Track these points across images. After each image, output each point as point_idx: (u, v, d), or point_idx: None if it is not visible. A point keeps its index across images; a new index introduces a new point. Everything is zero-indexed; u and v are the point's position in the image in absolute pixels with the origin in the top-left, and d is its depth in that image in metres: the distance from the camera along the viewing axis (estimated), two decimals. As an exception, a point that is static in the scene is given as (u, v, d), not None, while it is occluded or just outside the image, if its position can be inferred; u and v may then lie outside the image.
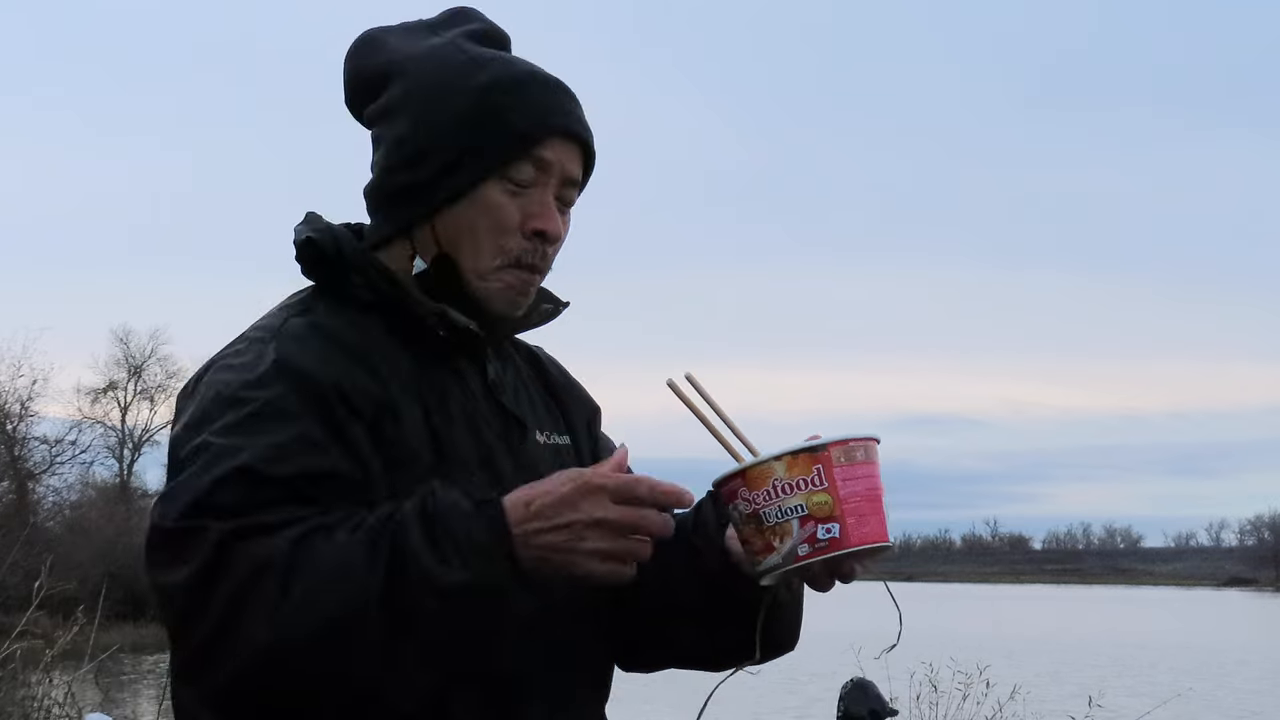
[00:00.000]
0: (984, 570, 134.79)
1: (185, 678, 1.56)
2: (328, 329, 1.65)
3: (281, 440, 1.54)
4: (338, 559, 1.47)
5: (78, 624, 9.04)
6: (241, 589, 1.46)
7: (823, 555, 1.57)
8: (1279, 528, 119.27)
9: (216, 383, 1.61)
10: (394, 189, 1.71)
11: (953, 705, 10.46)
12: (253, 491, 1.50)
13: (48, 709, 9.76)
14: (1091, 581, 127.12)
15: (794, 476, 1.58)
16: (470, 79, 1.69)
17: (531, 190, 1.69)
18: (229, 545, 1.47)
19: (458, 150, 1.67)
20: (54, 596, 9.28)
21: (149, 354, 50.94)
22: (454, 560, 1.46)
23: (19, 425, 41.63)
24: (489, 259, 1.68)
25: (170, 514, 1.52)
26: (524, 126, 1.68)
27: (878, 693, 4.04)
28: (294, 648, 1.45)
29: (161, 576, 1.52)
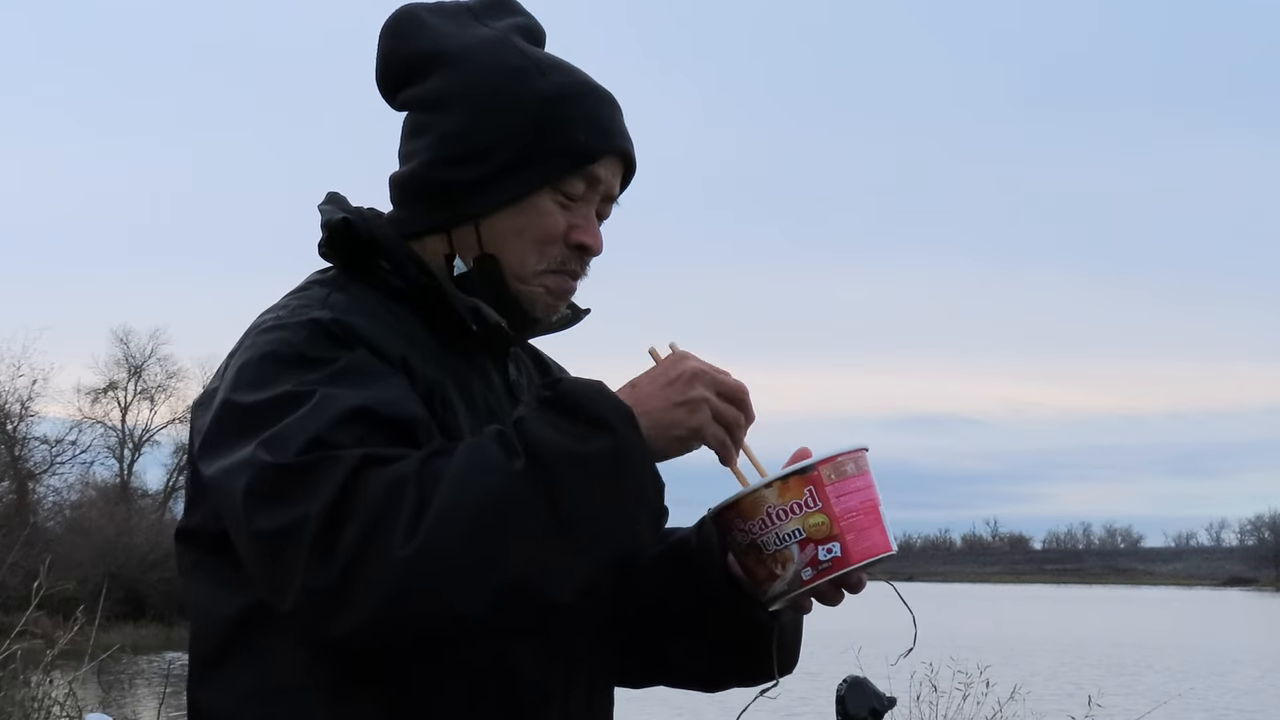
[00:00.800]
0: (984, 570, 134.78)
1: (321, 618, 1.44)
2: (372, 308, 1.64)
3: (389, 388, 1.53)
4: (471, 460, 1.45)
5: (78, 624, 9.02)
6: (383, 507, 1.42)
7: (827, 576, 1.56)
8: (1279, 528, 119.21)
9: (273, 342, 1.56)
10: (442, 184, 1.69)
11: (953, 705, 10.45)
12: (371, 431, 1.48)
13: (48, 709, 9.75)
14: (1092, 581, 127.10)
15: (787, 501, 1.56)
16: (534, 84, 1.68)
17: (579, 204, 1.70)
18: (361, 471, 1.43)
19: (518, 156, 1.66)
20: (54, 596, 9.29)
21: (149, 354, 50.90)
22: (590, 433, 1.47)
23: (19, 425, 41.67)
24: (533, 264, 1.68)
25: (289, 450, 1.45)
26: (587, 144, 1.68)
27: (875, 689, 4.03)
28: (445, 550, 1.41)
29: (280, 515, 1.44)
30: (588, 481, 1.46)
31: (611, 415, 1.48)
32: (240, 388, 1.54)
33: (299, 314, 1.60)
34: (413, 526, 1.41)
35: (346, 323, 1.58)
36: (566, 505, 1.44)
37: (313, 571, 1.42)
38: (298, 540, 1.43)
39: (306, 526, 1.42)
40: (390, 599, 1.41)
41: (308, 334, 1.56)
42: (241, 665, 1.57)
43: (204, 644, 1.61)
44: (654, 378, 1.55)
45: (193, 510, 1.62)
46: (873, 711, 3.97)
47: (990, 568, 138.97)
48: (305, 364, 1.53)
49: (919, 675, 10.34)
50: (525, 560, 1.43)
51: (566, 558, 1.46)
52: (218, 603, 1.59)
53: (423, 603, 1.42)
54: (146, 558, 34.49)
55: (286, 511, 1.44)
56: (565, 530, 1.45)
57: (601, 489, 1.47)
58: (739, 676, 1.79)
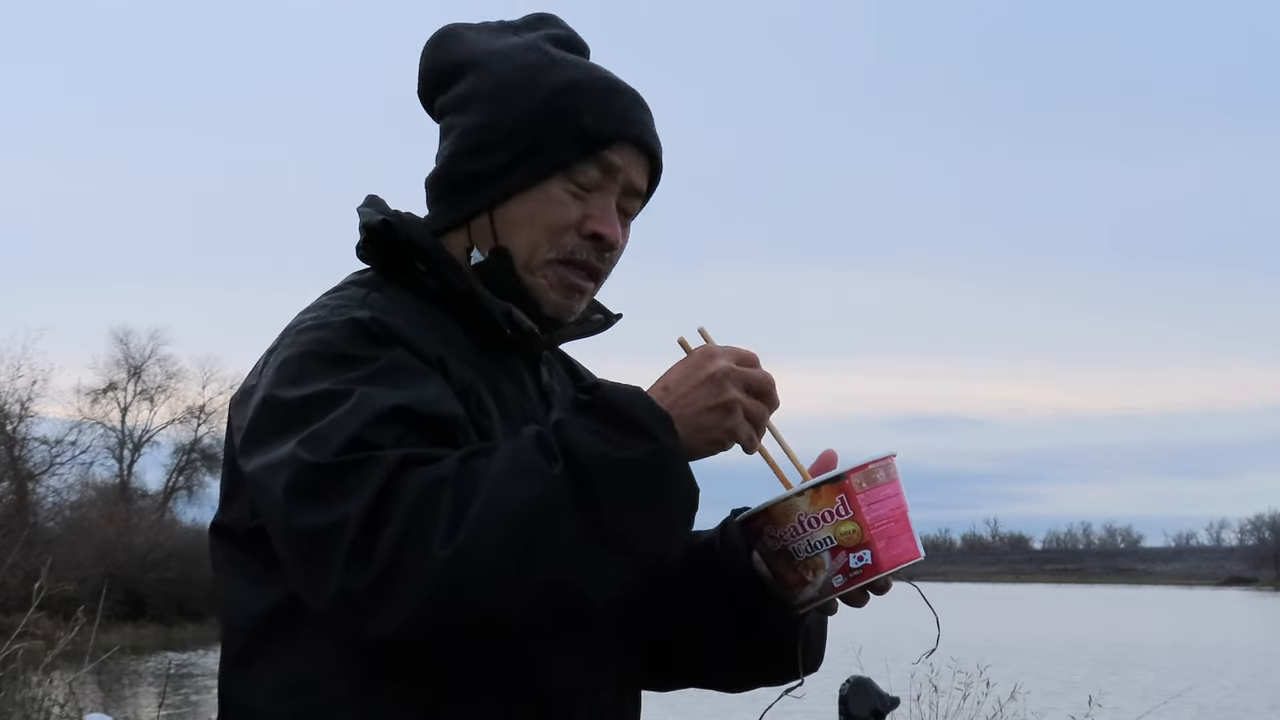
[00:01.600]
0: (984, 570, 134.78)
1: (358, 619, 1.44)
2: (409, 309, 1.64)
3: (427, 388, 1.53)
4: (511, 463, 1.45)
5: (78, 624, 9.04)
6: (421, 509, 1.41)
7: (858, 583, 1.58)
8: (1279, 527, 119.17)
9: (313, 341, 1.57)
10: (459, 177, 1.71)
11: (953, 705, 10.44)
12: (409, 430, 1.48)
13: (48, 709, 9.76)
14: (1092, 581, 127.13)
15: (819, 509, 1.57)
16: (546, 77, 1.70)
17: (595, 194, 1.69)
18: (401, 472, 1.43)
19: (526, 144, 1.67)
20: (54, 597, 9.28)
21: (149, 354, 50.92)
22: (628, 439, 1.46)
23: (19, 426, 41.64)
24: (542, 253, 1.68)
25: (329, 450, 1.45)
26: (594, 128, 1.68)
27: (877, 689, 4.03)
28: (484, 552, 1.41)
29: (320, 514, 1.44)
30: (626, 487, 1.46)
31: (650, 422, 1.48)
32: (280, 385, 1.54)
33: (338, 313, 1.60)
34: (452, 528, 1.41)
35: (385, 322, 1.58)
36: (605, 511, 1.44)
37: (351, 573, 1.42)
38: (337, 541, 1.43)
39: (346, 527, 1.43)
40: (428, 600, 1.41)
41: (348, 333, 1.57)
42: (273, 660, 1.58)
43: (236, 639, 1.62)
44: (684, 378, 1.54)
45: (228, 505, 1.63)
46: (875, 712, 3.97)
47: (990, 568, 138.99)
48: (345, 362, 1.54)
49: (919, 675, 10.33)
50: (563, 564, 1.43)
51: (604, 562, 1.46)
52: (250, 598, 1.59)
53: (460, 605, 1.42)
54: (146, 558, 34.49)
55: (326, 511, 1.44)
56: (603, 535, 1.45)
57: (640, 495, 1.47)
58: (765, 676, 1.80)
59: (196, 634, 31.68)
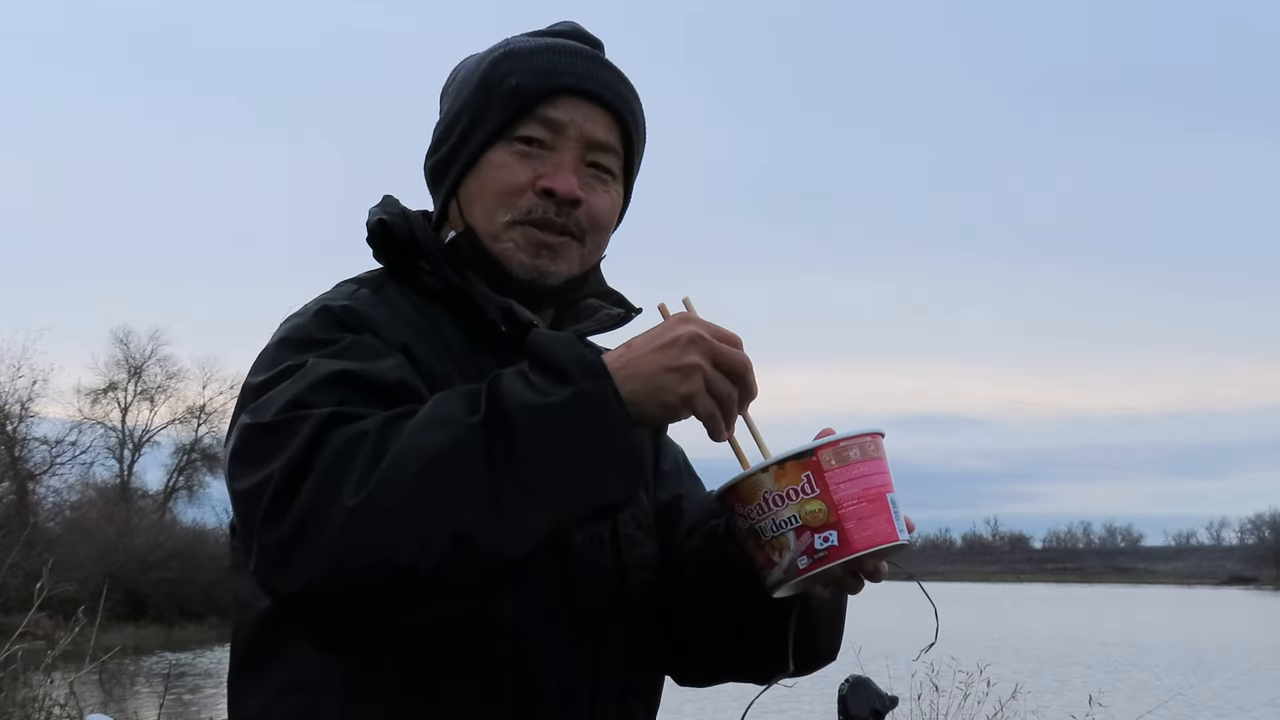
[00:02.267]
0: (984, 570, 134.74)
1: (273, 573, 1.41)
2: (397, 307, 1.66)
3: (380, 361, 1.54)
4: (429, 414, 1.43)
5: (78, 625, 9.03)
6: (338, 460, 1.39)
7: (824, 565, 1.49)
8: (1279, 526, 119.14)
9: (286, 329, 1.61)
10: (428, 172, 1.77)
11: (953, 705, 10.43)
12: (353, 394, 1.47)
13: (49, 710, 9.75)
14: (1092, 580, 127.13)
15: (784, 487, 1.50)
16: (488, 60, 1.72)
17: (548, 153, 1.68)
18: (328, 427, 1.43)
19: (468, 122, 1.70)
20: (55, 597, 9.26)
21: (149, 354, 50.94)
22: (551, 386, 1.42)
23: (19, 426, 41.63)
24: (499, 218, 1.67)
25: (267, 412, 1.47)
26: (521, 85, 1.67)
27: (877, 689, 4.01)
28: (393, 501, 1.37)
29: (253, 472, 1.44)
30: (542, 434, 1.40)
31: (573, 366, 1.43)
32: (255, 371, 1.58)
33: (315, 306, 1.64)
34: (363, 479, 1.38)
35: (355, 309, 1.61)
36: (520, 460, 1.39)
37: (267, 528, 1.40)
38: (260, 499, 1.42)
39: (270, 483, 1.42)
40: (332, 550, 1.37)
41: (317, 320, 1.60)
42: (273, 659, 1.58)
43: (241, 638, 1.64)
44: (650, 339, 1.48)
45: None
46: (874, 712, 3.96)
47: (990, 567, 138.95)
48: (311, 345, 1.56)
49: (920, 675, 10.33)
50: (471, 513, 1.38)
51: (517, 512, 1.39)
52: (252, 596, 1.58)
53: (364, 554, 1.37)
54: (147, 558, 34.48)
55: (256, 470, 1.44)
56: (517, 484, 1.39)
57: (559, 442, 1.41)
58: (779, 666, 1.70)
59: (196, 634, 31.69)
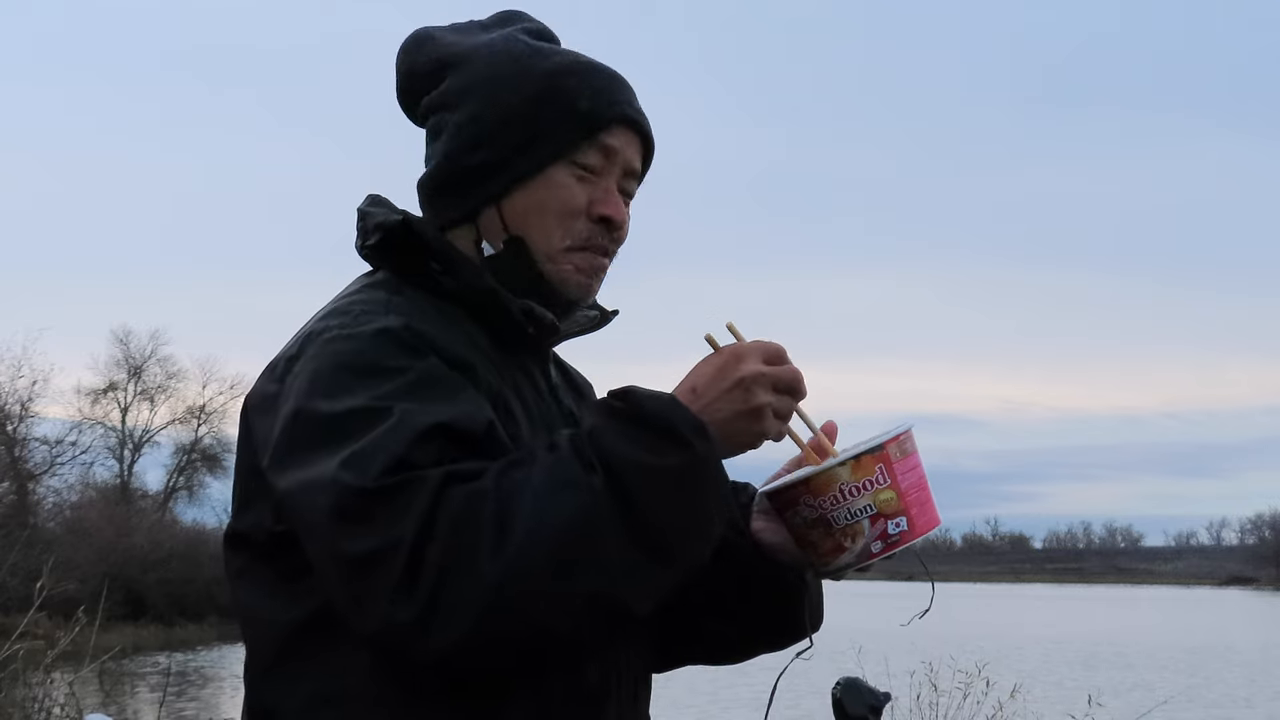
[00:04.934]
0: (984, 570, 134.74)
1: (411, 645, 1.44)
2: (430, 312, 1.63)
3: (462, 402, 1.53)
4: (551, 475, 1.45)
5: (78, 625, 9.04)
6: (464, 529, 1.42)
7: (895, 549, 1.63)
8: (1279, 527, 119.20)
9: (341, 352, 1.55)
10: (462, 171, 1.70)
11: (953, 705, 10.46)
12: (448, 446, 1.47)
13: (49, 710, 9.77)
14: (1092, 581, 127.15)
15: (859, 478, 1.62)
16: (538, 63, 1.71)
17: (597, 178, 1.70)
18: (443, 491, 1.43)
19: (528, 131, 1.68)
20: (54, 597, 9.28)
21: (149, 354, 51.01)
22: (665, 447, 1.47)
23: (19, 426, 41.68)
24: (558, 240, 1.68)
25: (371, 472, 1.45)
26: (591, 111, 1.69)
27: (870, 687, 4.02)
28: (532, 568, 1.41)
29: (366, 541, 1.43)
30: (665, 497, 1.46)
31: (686, 429, 1.49)
32: (314, 398, 1.52)
33: (365, 320, 1.58)
34: (496, 547, 1.41)
35: (417, 329, 1.57)
36: (644, 521, 1.45)
37: (399, 603, 1.42)
38: (383, 568, 1.43)
39: (392, 554, 1.42)
40: (477, 621, 1.42)
41: (380, 343, 1.55)
42: (305, 670, 1.56)
43: (262, 649, 1.61)
44: (714, 381, 1.54)
45: (245, 513, 1.61)
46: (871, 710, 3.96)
47: (990, 567, 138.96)
48: (378, 374, 1.52)
49: (919, 675, 10.35)
50: (607, 576, 1.44)
51: (647, 570, 1.47)
52: (274, 610, 1.58)
53: (510, 622, 1.43)
54: (146, 558, 34.50)
55: (372, 537, 1.43)
56: (643, 545, 1.45)
57: (679, 504, 1.47)
58: (768, 642, 1.84)
59: (196, 634, 31.69)
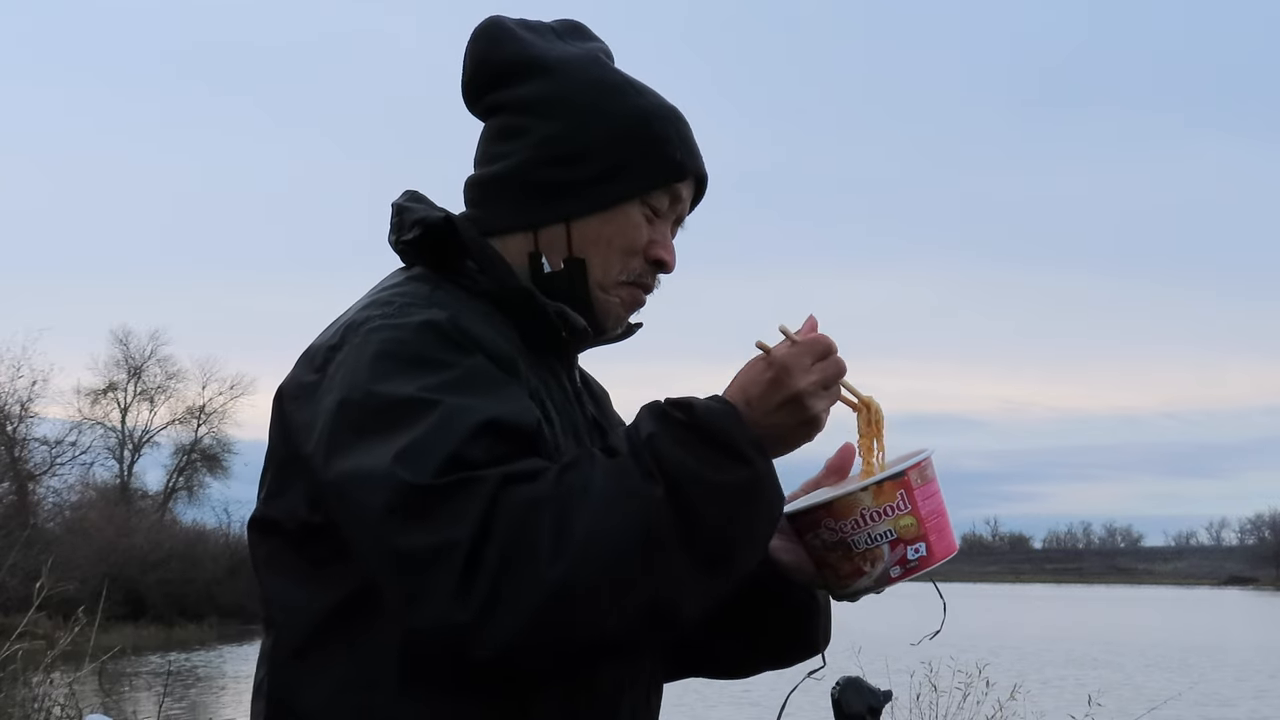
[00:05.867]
0: (984, 570, 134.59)
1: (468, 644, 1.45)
2: (473, 309, 1.64)
3: (511, 399, 1.54)
4: (613, 483, 1.47)
5: (78, 625, 9.05)
6: (524, 532, 1.44)
7: (913, 574, 1.65)
8: (1279, 527, 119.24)
9: (386, 341, 1.56)
10: (539, 183, 1.71)
11: (953, 705, 10.46)
12: (502, 444, 1.49)
13: (48, 710, 9.76)
14: (1092, 581, 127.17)
15: (881, 504, 1.63)
16: (632, 100, 1.74)
17: (660, 221, 1.74)
18: (502, 493, 1.45)
19: (611, 163, 1.71)
20: (54, 597, 9.28)
21: (149, 354, 50.96)
22: (726, 462, 1.50)
23: (19, 426, 41.66)
24: (614, 274, 1.72)
25: (428, 469, 1.46)
26: (679, 161, 1.74)
27: (869, 686, 4.03)
28: (592, 576, 1.44)
29: (424, 538, 1.45)
30: (725, 511, 1.49)
31: (747, 447, 1.52)
32: (358, 387, 1.53)
33: (409, 312, 1.59)
34: (556, 552, 1.43)
35: (463, 325, 1.58)
36: (705, 534, 1.48)
37: (457, 603, 1.44)
38: (441, 568, 1.44)
39: (451, 554, 1.44)
40: (533, 625, 1.44)
41: (426, 336, 1.56)
42: (334, 658, 1.58)
43: (289, 636, 1.62)
44: (767, 394, 1.57)
45: (275, 500, 1.62)
46: (870, 709, 3.97)
47: (990, 568, 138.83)
48: (426, 365, 1.53)
49: (919, 675, 10.35)
50: (665, 586, 1.47)
51: (702, 580, 1.50)
52: (303, 598, 1.59)
53: (566, 628, 1.45)
54: (146, 558, 34.50)
55: (430, 535, 1.45)
56: (704, 558, 1.49)
57: (738, 518, 1.51)
58: (777, 659, 1.86)
59: (196, 634, 31.73)
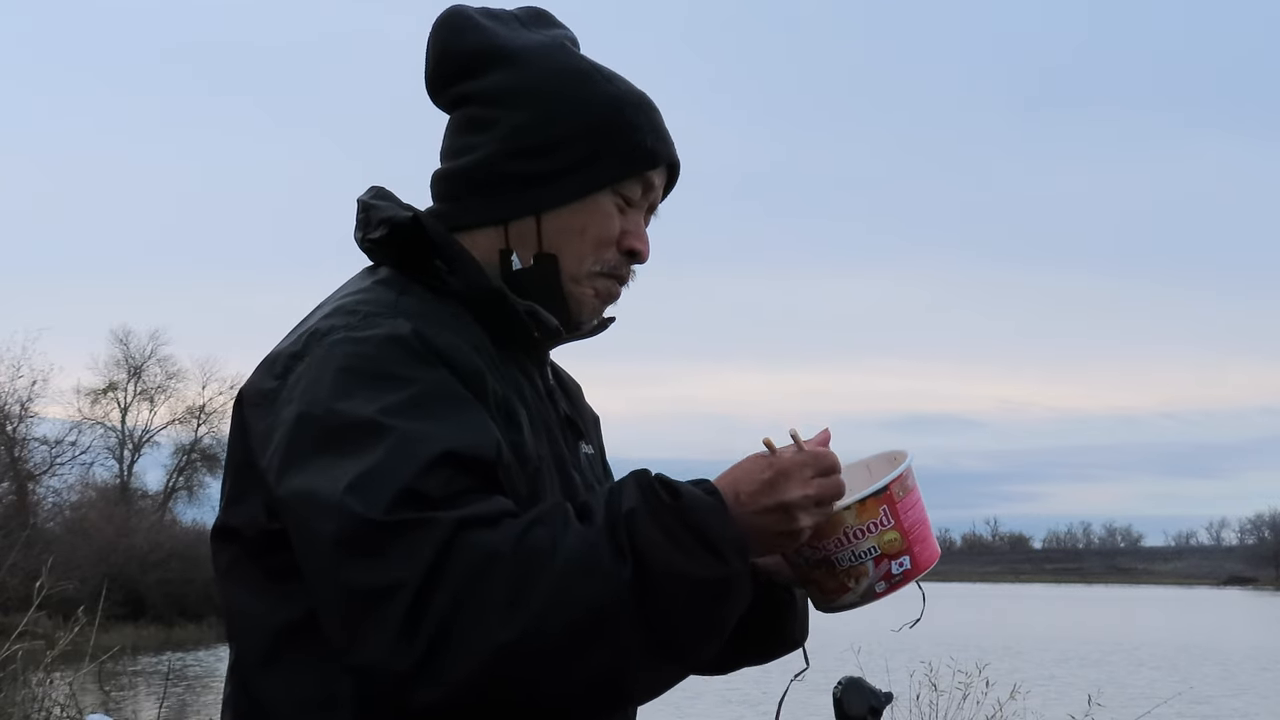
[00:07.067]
0: (984, 570, 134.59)
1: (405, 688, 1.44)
2: (441, 314, 1.61)
3: (470, 425, 1.50)
4: (579, 554, 1.44)
5: (78, 625, 9.04)
6: (478, 583, 1.41)
7: (898, 588, 1.64)
8: (1279, 527, 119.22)
9: (348, 356, 1.52)
10: (508, 176, 1.68)
11: (953, 705, 10.45)
12: (458, 478, 1.46)
13: (48, 710, 9.77)
14: (1092, 581, 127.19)
15: (864, 521, 1.61)
16: (601, 88, 1.70)
17: (633, 210, 1.72)
18: (457, 538, 1.42)
19: (581, 154, 1.67)
20: (54, 597, 9.28)
21: (149, 354, 50.89)
22: (703, 556, 1.47)
23: (19, 426, 41.65)
24: (587, 265, 1.69)
25: (380, 503, 1.43)
26: (652, 149, 1.71)
27: (871, 687, 4.02)
28: (543, 643, 1.41)
29: (371, 576, 1.42)
30: (692, 606, 1.47)
31: (727, 547, 1.48)
32: (317, 402, 1.50)
33: (373, 323, 1.56)
34: (509, 612, 1.41)
35: (427, 338, 1.55)
36: (666, 623, 1.46)
37: (399, 649, 1.42)
38: (386, 609, 1.42)
39: (397, 597, 1.41)
40: (472, 681, 1.42)
41: (388, 350, 1.53)
42: (295, 673, 1.55)
43: (251, 649, 1.59)
44: (759, 493, 1.53)
45: (236, 507, 1.59)
46: (871, 709, 3.96)
47: (990, 568, 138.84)
48: (386, 383, 1.50)
49: (919, 675, 10.34)
50: (617, 665, 1.45)
51: (656, 666, 1.49)
52: (263, 611, 1.57)
53: (506, 688, 1.44)
54: (146, 558, 34.48)
55: (377, 573, 1.42)
56: (662, 645, 1.47)
57: (702, 612, 1.48)
58: (757, 655, 1.87)
59: (196, 634, 31.69)
